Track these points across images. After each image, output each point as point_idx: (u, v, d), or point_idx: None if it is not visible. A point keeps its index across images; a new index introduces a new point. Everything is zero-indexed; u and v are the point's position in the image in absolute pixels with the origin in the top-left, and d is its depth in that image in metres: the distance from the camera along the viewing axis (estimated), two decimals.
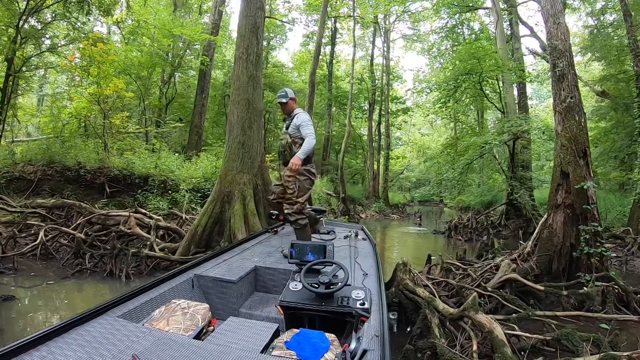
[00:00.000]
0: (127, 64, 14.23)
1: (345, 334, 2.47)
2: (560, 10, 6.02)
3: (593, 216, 5.34)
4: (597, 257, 5.18)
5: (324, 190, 19.56)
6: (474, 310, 3.06)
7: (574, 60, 6.06)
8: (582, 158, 5.40)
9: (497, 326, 2.92)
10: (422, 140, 43.18)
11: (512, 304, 4.07)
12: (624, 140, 14.91)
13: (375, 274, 3.28)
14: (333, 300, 2.42)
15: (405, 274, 4.06)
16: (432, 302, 3.47)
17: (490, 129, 21.51)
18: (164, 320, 2.31)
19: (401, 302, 3.97)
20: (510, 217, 13.85)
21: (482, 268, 5.25)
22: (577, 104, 5.58)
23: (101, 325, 2.15)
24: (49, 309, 4.81)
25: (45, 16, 12.44)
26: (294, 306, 2.46)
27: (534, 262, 5.27)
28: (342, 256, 3.77)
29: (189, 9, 20.79)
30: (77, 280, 5.79)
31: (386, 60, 27.74)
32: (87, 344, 1.93)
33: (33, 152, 10.46)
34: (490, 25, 23.03)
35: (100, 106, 10.78)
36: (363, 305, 2.33)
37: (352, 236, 4.94)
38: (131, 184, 10.35)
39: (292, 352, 2.02)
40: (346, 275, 2.49)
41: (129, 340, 1.99)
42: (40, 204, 8.29)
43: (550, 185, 5.92)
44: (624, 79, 15.12)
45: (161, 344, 1.96)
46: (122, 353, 1.86)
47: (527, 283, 4.58)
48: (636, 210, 10.00)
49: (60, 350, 1.86)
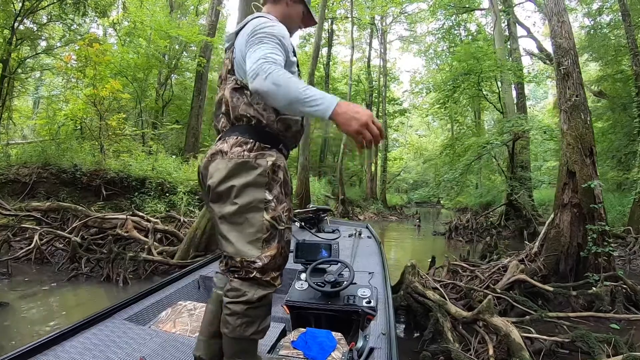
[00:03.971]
0: (124, 65, 14.10)
1: (352, 333, 2.44)
2: (564, 9, 5.97)
3: (600, 215, 5.27)
4: (604, 257, 5.11)
5: (322, 192, 19.50)
6: (489, 313, 2.96)
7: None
8: (589, 157, 5.33)
9: (514, 329, 2.83)
10: (419, 141, 43.21)
11: (522, 305, 3.98)
12: (621, 140, 14.92)
13: (381, 272, 3.24)
14: (339, 299, 2.41)
15: (414, 277, 3.96)
16: (444, 305, 3.37)
17: (488, 130, 21.54)
18: (170, 322, 2.32)
19: (410, 305, 3.87)
20: (510, 217, 13.80)
21: (490, 269, 5.16)
22: (582, 102, 5.52)
23: (108, 329, 2.14)
24: (44, 315, 4.66)
25: (40, 18, 12.31)
26: (300, 305, 2.46)
27: (541, 262, 5.18)
28: (347, 255, 3.72)
29: (186, 11, 20.69)
30: (73, 285, 5.64)
31: (383, 62, 27.72)
32: (94, 347, 1.92)
33: (28, 155, 10.29)
34: (487, 26, 23.12)
35: (96, 108, 10.62)
36: (369, 304, 2.33)
37: (356, 235, 4.88)
38: (128, 186, 10.19)
39: (299, 351, 2.03)
40: (352, 274, 2.45)
41: (136, 342, 1.99)
42: (35, 207, 8.13)
43: (557, 185, 5.85)
44: (621, 79, 15.17)
45: (168, 345, 1.98)
46: (130, 356, 1.86)
47: (536, 284, 4.49)
48: (636, 209, 9.98)
49: (67, 354, 1.85)
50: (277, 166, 1.60)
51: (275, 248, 1.55)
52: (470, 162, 13.31)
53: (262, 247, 1.52)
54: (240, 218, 1.53)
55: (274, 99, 1.33)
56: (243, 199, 1.52)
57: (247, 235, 1.53)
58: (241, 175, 1.54)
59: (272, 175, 1.57)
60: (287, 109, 1.44)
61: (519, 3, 19.70)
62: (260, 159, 1.56)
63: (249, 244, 1.52)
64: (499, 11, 15.89)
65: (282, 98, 1.32)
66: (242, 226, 1.53)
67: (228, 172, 1.54)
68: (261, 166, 1.55)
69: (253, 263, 1.51)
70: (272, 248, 1.54)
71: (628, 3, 11.21)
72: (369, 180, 26.17)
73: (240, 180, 1.53)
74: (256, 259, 1.51)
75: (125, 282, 5.71)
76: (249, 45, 1.50)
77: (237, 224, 1.54)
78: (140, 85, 15.44)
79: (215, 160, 1.60)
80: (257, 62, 1.38)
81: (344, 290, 2.41)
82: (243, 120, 1.62)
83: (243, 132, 1.61)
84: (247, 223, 1.53)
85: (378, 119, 9.35)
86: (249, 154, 1.56)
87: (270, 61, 1.37)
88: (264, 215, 1.53)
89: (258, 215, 1.53)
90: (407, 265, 4.17)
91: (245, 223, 1.53)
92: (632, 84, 11.05)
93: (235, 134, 1.61)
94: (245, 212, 1.53)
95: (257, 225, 1.53)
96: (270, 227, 1.54)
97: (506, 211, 14.04)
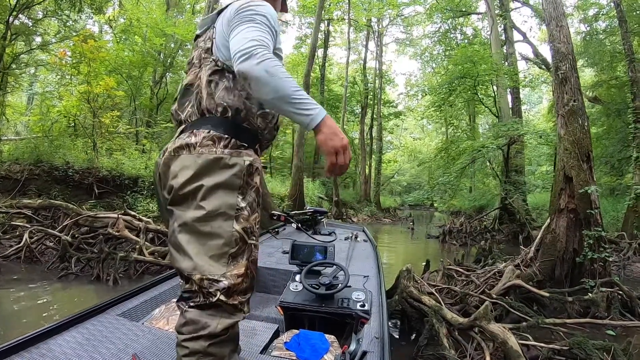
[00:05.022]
0: (119, 63, 13.99)
1: (345, 336, 2.45)
2: (562, 13, 5.96)
3: (596, 221, 5.25)
4: (600, 263, 5.09)
5: (316, 193, 19.46)
6: (486, 319, 2.91)
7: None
8: (586, 162, 5.32)
9: (511, 336, 2.78)
10: (414, 144, 43.32)
11: (518, 311, 3.94)
12: (615, 146, 14.99)
13: (375, 275, 3.24)
14: (333, 302, 2.42)
15: (409, 281, 3.90)
16: (440, 310, 3.32)
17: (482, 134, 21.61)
18: (164, 320, 2.31)
19: (405, 310, 3.82)
20: (504, 221, 13.80)
21: (485, 274, 5.12)
22: (580, 107, 5.51)
23: (101, 324, 2.14)
24: (31, 315, 4.56)
25: (36, 13, 12.19)
26: (294, 307, 2.45)
27: (537, 267, 5.15)
28: (343, 257, 3.71)
29: (182, 9, 20.58)
30: (63, 285, 5.54)
31: (379, 64, 27.75)
32: (86, 342, 1.91)
33: (20, 151, 10.15)
34: (483, 30, 23.21)
35: (90, 104, 10.50)
36: (363, 307, 2.34)
37: (353, 238, 4.88)
38: (120, 185, 10.09)
39: (292, 352, 2.03)
40: (347, 277, 2.45)
41: (129, 338, 1.98)
42: (26, 204, 7.99)
43: (553, 190, 5.84)
44: (616, 85, 15.25)
45: (161, 343, 1.97)
46: (122, 352, 1.86)
47: (532, 289, 4.46)
48: (630, 215, 10.00)
49: (59, 347, 1.84)
50: (255, 169, 1.38)
51: (243, 266, 1.30)
52: (466, 165, 13.32)
53: (228, 264, 1.27)
54: (205, 226, 1.27)
55: (262, 88, 1.19)
56: (211, 202, 1.28)
57: (210, 248, 1.27)
58: (212, 173, 1.30)
59: (247, 178, 1.35)
60: (270, 104, 1.27)
61: (515, 8, 19.77)
62: (237, 157, 1.34)
63: (212, 259, 1.26)
64: (496, 15, 15.93)
65: (271, 89, 1.17)
66: (206, 236, 1.27)
67: (197, 169, 1.30)
68: (237, 165, 1.33)
69: (216, 282, 1.24)
70: (239, 266, 1.29)
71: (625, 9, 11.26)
72: (363, 183, 26.16)
73: (210, 179, 1.29)
74: (221, 277, 1.25)
75: (116, 282, 5.61)
76: (236, 23, 1.31)
77: (200, 233, 1.27)
78: (134, 83, 15.32)
79: (180, 156, 1.35)
80: (249, 42, 1.21)
81: (339, 293, 2.41)
82: (217, 110, 1.38)
83: (217, 125, 1.37)
84: (213, 233, 1.27)
85: (373, 121, 9.17)
86: (224, 151, 1.34)
87: (264, 44, 1.23)
88: (234, 224, 1.29)
89: (226, 225, 1.28)
90: (402, 270, 4.12)
91: (210, 233, 1.27)
92: (628, 89, 11.08)
93: (207, 126, 1.37)
94: (212, 219, 1.27)
95: (226, 236, 1.27)
96: (240, 240, 1.30)
97: (500, 215, 14.05)
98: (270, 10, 1.40)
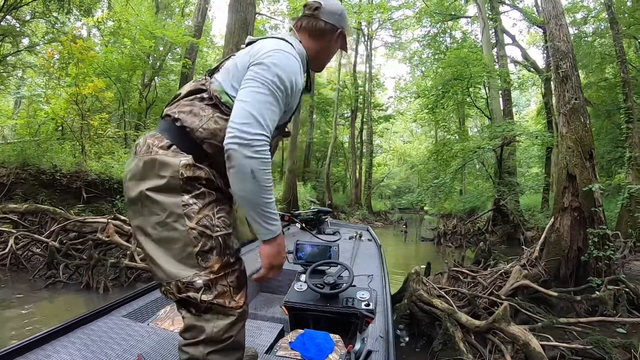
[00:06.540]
0: (107, 65, 13.72)
1: (349, 335, 2.43)
2: (562, 12, 5.94)
3: (600, 219, 5.21)
4: (605, 261, 5.04)
5: (307, 197, 19.32)
6: (505, 321, 2.79)
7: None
8: (588, 160, 5.28)
9: (533, 338, 2.66)
10: (403, 147, 43.39)
11: (529, 311, 3.83)
12: (605, 147, 15.14)
13: (380, 275, 3.24)
14: (338, 301, 2.40)
15: (419, 284, 3.77)
16: (454, 314, 3.19)
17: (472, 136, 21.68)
18: (169, 320, 2.32)
19: (415, 314, 3.68)
20: (498, 223, 13.80)
21: (492, 275, 5.02)
22: (581, 105, 5.48)
23: (106, 325, 2.15)
24: (16, 325, 4.32)
25: (24, 14, 11.90)
26: (298, 307, 2.45)
27: (542, 267, 5.07)
28: (347, 257, 3.72)
29: (172, 12, 20.36)
30: (50, 293, 5.30)
31: (369, 67, 27.75)
32: (92, 343, 1.94)
33: (6, 155, 9.81)
34: (472, 34, 23.36)
35: (78, 106, 10.22)
36: (368, 307, 2.32)
37: (357, 237, 4.87)
38: (109, 189, 9.80)
39: (297, 352, 2.04)
40: (351, 276, 2.43)
41: (134, 339, 2.00)
42: (12, 209, 7.69)
43: (556, 189, 5.78)
44: (605, 87, 15.44)
45: (166, 343, 1.99)
46: (127, 352, 1.88)
47: (540, 289, 4.38)
48: (624, 214, 10.07)
49: (65, 349, 1.87)
50: (197, 168, 1.26)
51: (217, 261, 1.24)
52: (460, 166, 13.30)
53: (199, 263, 1.22)
54: (161, 232, 1.22)
55: (239, 183, 1.16)
56: (156, 207, 1.22)
57: (175, 253, 1.22)
58: (149, 177, 1.24)
59: (187, 179, 1.23)
60: (237, 196, 1.21)
61: (504, 12, 19.93)
62: (172, 157, 1.24)
63: (181, 263, 1.21)
64: (487, 18, 16.02)
65: (247, 189, 1.16)
66: (166, 243, 1.23)
67: (137, 173, 1.26)
68: (173, 165, 1.23)
69: (191, 284, 1.20)
70: (212, 261, 1.23)
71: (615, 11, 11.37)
72: (354, 186, 26.07)
73: (147, 183, 1.23)
74: (193, 277, 1.20)
75: (106, 290, 5.38)
76: (249, 78, 1.24)
77: (160, 240, 1.23)
78: (123, 86, 15.05)
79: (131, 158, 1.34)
80: (249, 122, 1.15)
81: (343, 293, 2.40)
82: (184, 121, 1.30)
83: (172, 135, 1.30)
84: (170, 238, 1.22)
85: (363, 125, 9.02)
86: (158, 151, 1.25)
87: (265, 135, 1.17)
88: (186, 222, 1.21)
89: (178, 225, 1.21)
90: (410, 273, 3.99)
91: (168, 238, 1.22)
92: (619, 90, 11.15)
93: (165, 133, 1.31)
94: (164, 225, 1.22)
95: (182, 237, 1.21)
96: (200, 235, 1.22)
97: (493, 217, 14.04)
98: (294, 68, 1.30)
